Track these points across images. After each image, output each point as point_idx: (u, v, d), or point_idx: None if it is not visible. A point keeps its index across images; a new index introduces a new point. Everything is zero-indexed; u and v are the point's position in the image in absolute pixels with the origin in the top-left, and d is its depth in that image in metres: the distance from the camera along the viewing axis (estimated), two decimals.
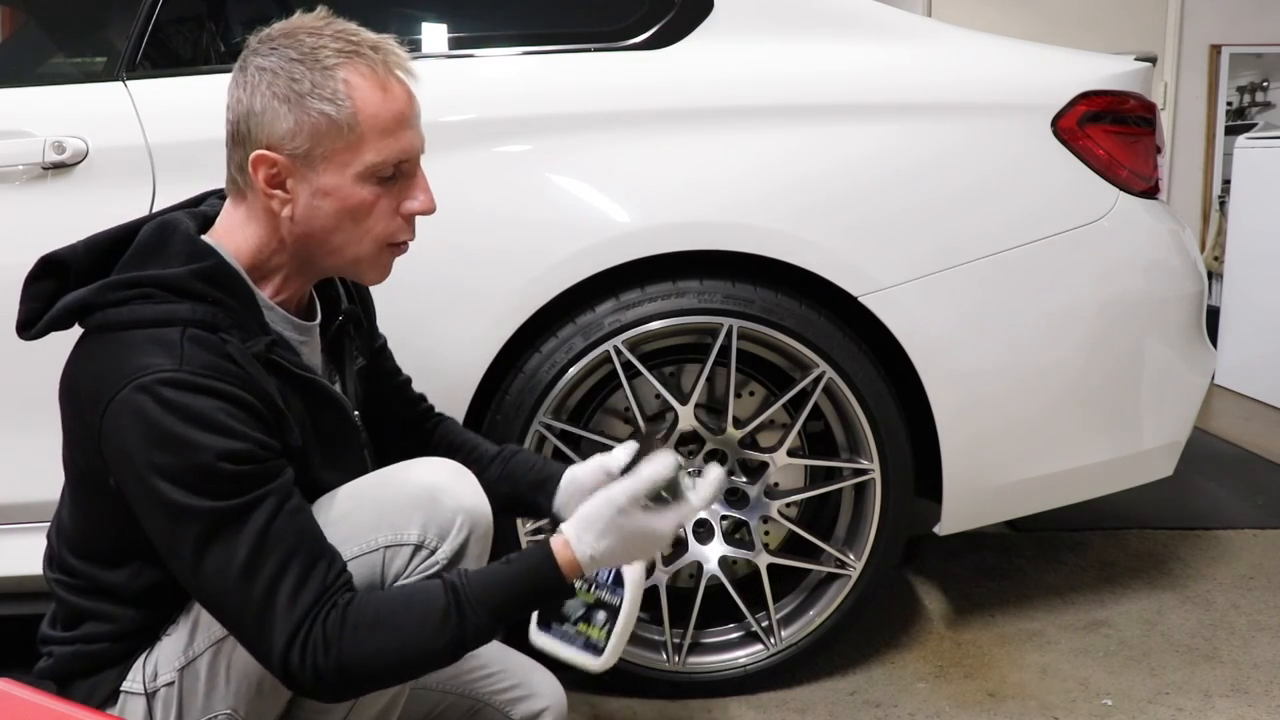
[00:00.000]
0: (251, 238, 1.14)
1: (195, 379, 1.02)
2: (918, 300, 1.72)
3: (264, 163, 1.09)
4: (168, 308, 1.06)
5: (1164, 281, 1.90)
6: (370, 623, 1.03)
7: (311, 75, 1.08)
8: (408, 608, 1.05)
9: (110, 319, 1.06)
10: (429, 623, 1.04)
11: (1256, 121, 5.11)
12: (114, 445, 1.03)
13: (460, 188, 1.67)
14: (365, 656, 1.03)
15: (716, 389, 1.84)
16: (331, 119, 1.08)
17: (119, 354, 1.04)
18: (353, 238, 1.14)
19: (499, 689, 1.41)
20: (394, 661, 1.04)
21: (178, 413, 1.00)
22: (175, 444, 1.00)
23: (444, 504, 1.12)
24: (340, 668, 1.02)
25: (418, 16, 1.92)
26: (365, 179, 1.11)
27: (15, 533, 1.67)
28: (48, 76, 2.01)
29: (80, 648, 1.15)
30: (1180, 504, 2.78)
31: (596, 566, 1.12)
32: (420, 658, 1.05)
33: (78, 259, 1.11)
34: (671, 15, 1.78)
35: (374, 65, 1.11)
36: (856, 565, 1.81)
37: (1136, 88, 1.89)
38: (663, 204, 1.70)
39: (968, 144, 1.78)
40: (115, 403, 1.02)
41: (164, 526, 1.03)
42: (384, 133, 1.11)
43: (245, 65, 1.11)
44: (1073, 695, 1.84)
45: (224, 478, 1.01)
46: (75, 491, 1.15)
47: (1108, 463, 1.91)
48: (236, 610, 1.02)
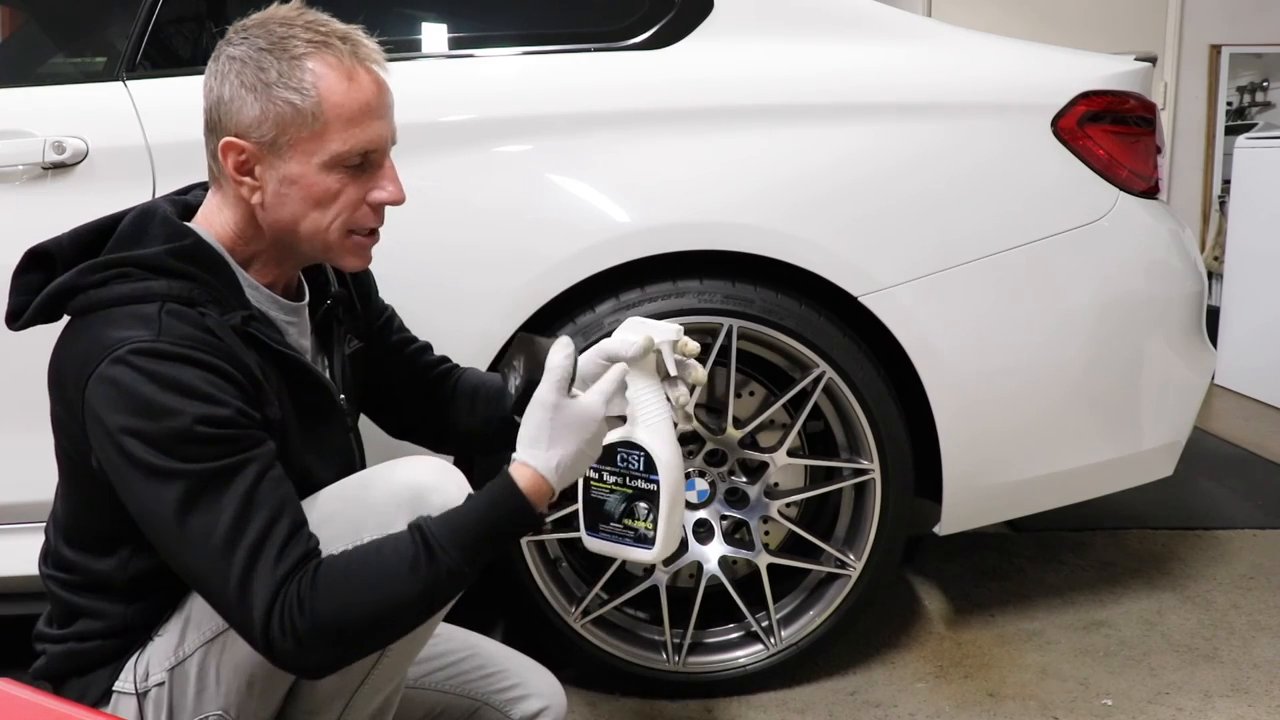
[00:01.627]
0: (229, 223, 1.16)
1: (173, 348, 1.03)
2: (917, 300, 1.72)
3: (232, 150, 1.12)
4: (145, 284, 1.07)
5: (1164, 281, 1.90)
6: (341, 577, 1.02)
7: (279, 64, 1.10)
8: (378, 557, 1.04)
9: (91, 300, 1.08)
10: (400, 569, 1.03)
11: (1256, 121, 5.11)
12: (94, 419, 1.03)
13: (460, 187, 1.67)
14: (339, 610, 1.00)
15: (716, 389, 1.84)
16: (296, 108, 1.10)
17: (98, 331, 1.05)
18: (320, 225, 1.15)
19: (498, 689, 1.41)
20: (370, 613, 1.02)
21: (156, 380, 1.01)
22: (153, 410, 1.00)
23: (430, 501, 1.11)
24: (317, 627, 0.99)
25: (418, 16, 1.92)
26: (330, 168, 1.13)
27: (15, 533, 1.67)
28: (48, 76, 2.01)
29: (73, 645, 1.15)
30: (1180, 504, 2.78)
31: (566, 476, 1.10)
32: (396, 607, 1.03)
33: (62, 250, 1.12)
34: (671, 15, 1.78)
35: (341, 55, 1.12)
36: (856, 565, 1.81)
37: (1136, 88, 1.89)
38: (663, 204, 1.70)
39: (968, 144, 1.78)
40: (94, 377, 1.03)
41: (144, 495, 1.02)
42: (349, 122, 1.12)
43: (218, 54, 1.13)
44: (1073, 695, 1.84)
45: (203, 441, 1.01)
46: (65, 480, 1.16)
47: (1108, 463, 1.91)
48: (220, 578, 1.00)
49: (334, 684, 1.15)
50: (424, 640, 1.21)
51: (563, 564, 1.85)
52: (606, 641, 1.81)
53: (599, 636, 1.80)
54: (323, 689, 1.15)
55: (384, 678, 1.17)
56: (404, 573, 1.03)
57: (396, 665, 1.18)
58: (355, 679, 1.16)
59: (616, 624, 1.86)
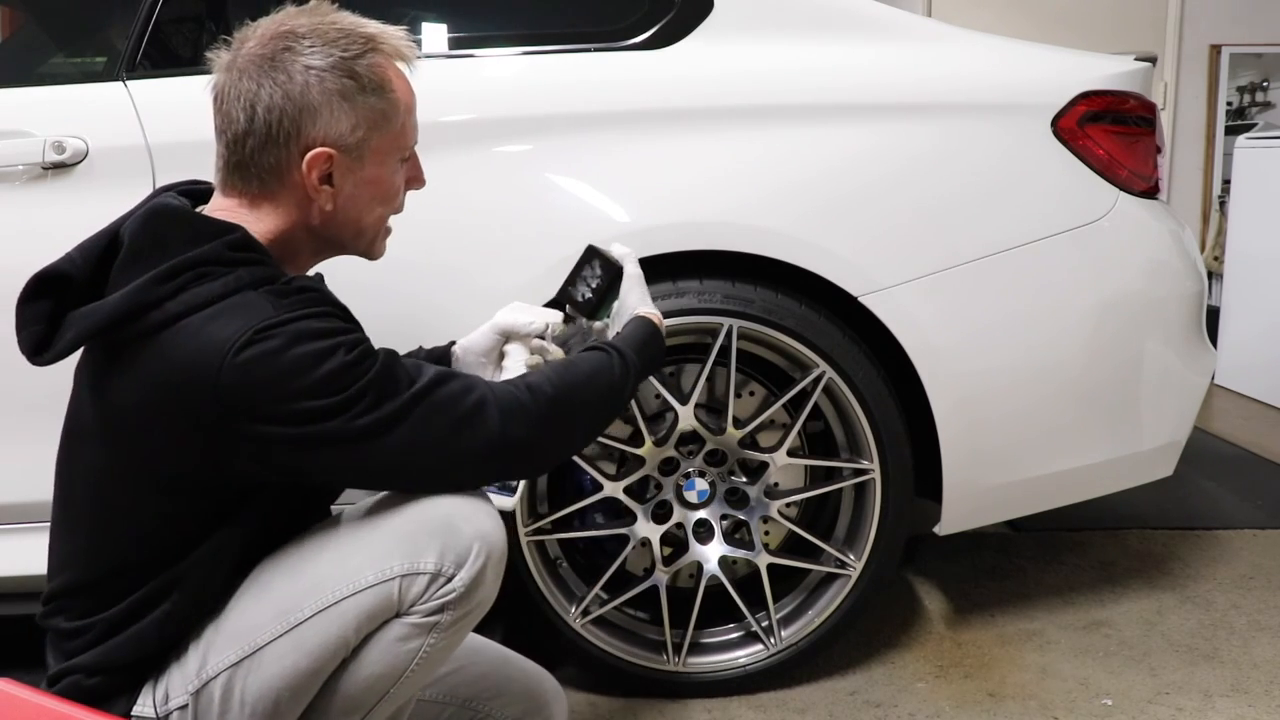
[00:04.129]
0: (274, 228, 1.15)
1: (292, 313, 1.04)
2: (917, 300, 1.72)
3: (321, 160, 1.12)
4: (231, 277, 1.05)
5: (1164, 281, 1.89)
6: (560, 370, 1.21)
7: (359, 70, 1.12)
8: (581, 360, 1.25)
9: (169, 313, 1.03)
10: (602, 361, 1.25)
11: (1256, 121, 5.11)
12: (241, 417, 1.01)
13: (460, 188, 1.67)
14: (565, 392, 1.17)
15: (716, 389, 1.84)
16: (383, 112, 1.15)
17: (199, 336, 1.02)
18: (379, 218, 1.22)
19: (499, 697, 1.41)
20: (588, 394, 1.21)
21: (297, 341, 1.02)
22: (306, 364, 1.02)
23: (462, 530, 1.11)
24: (554, 400, 1.16)
25: (418, 16, 1.92)
26: (399, 164, 1.20)
27: (15, 533, 1.67)
28: (48, 76, 2.01)
29: (80, 679, 1.11)
30: (1180, 504, 2.78)
31: None
32: (608, 388, 1.23)
33: (78, 270, 1.07)
34: (671, 15, 1.78)
35: (397, 56, 1.17)
36: (856, 565, 1.82)
37: (1136, 88, 1.89)
38: (663, 204, 1.70)
39: (968, 144, 1.78)
40: (224, 374, 1.00)
41: (349, 437, 1.04)
42: (411, 117, 1.20)
43: (280, 63, 1.10)
44: (1073, 695, 1.84)
45: (361, 360, 1.05)
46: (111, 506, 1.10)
47: (1108, 463, 1.91)
48: (453, 422, 1.09)
49: (352, 698, 1.13)
50: (445, 659, 1.18)
51: (562, 564, 1.85)
52: (606, 641, 1.81)
53: (599, 636, 1.80)
54: (339, 704, 1.13)
55: (401, 694, 1.15)
56: (605, 363, 1.24)
57: (416, 680, 1.15)
58: (375, 694, 1.14)
59: (616, 624, 1.86)
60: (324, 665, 1.10)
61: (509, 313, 1.43)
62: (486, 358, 1.43)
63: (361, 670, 1.11)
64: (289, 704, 1.10)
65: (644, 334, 1.34)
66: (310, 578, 1.10)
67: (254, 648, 1.09)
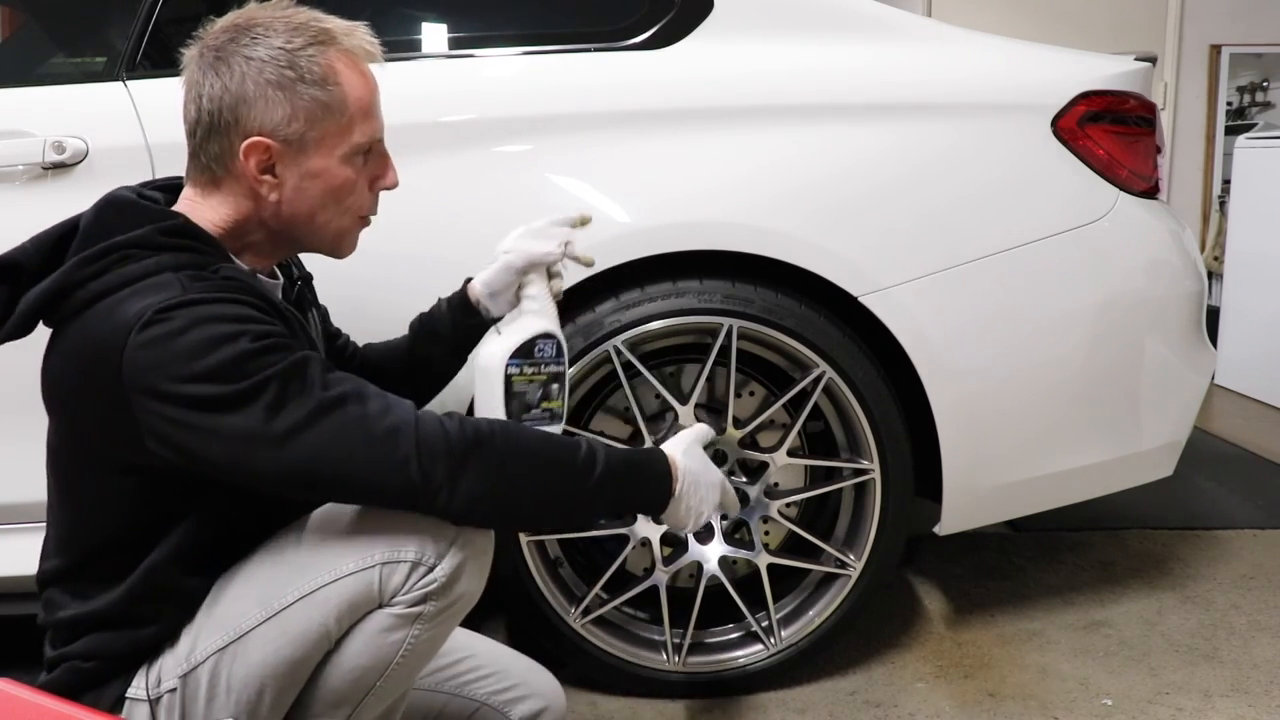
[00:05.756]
0: (225, 218, 1.16)
1: (202, 295, 1.03)
2: (918, 300, 1.72)
3: (257, 150, 1.12)
4: (150, 261, 1.06)
5: (1164, 281, 1.89)
6: (508, 423, 1.12)
7: (302, 61, 1.12)
8: (540, 431, 1.16)
9: (92, 292, 1.05)
10: (561, 442, 1.13)
11: (1256, 121, 5.11)
12: (143, 392, 1.01)
13: (461, 188, 1.67)
14: (509, 440, 1.09)
15: (716, 389, 1.84)
16: (324, 103, 1.13)
17: (113, 314, 1.03)
18: (335, 215, 1.19)
19: (497, 689, 1.41)
20: (536, 456, 1.10)
21: (197, 323, 1.01)
22: (204, 348, 1.00)
23: (445, 522, 1.11)
24: (478, 443, 1.06)
25: (418, 16, 1.92)
26: (349, 159, 1.17)
27: (16, 533, 1.67)
28: (48, 76, 2.01)
29: (78, 664, 1.14)
30: (1180, 504, 2.78)
31: (688, 490, 1.21)
32: (559, 461, 1.11)
33: (29, 257, 1.11)
34: (671, 15, 1.78)
35: (351, 51, 1.16)
36: (856, 565, 1.82)
37: (1136, 88, 1.89)
38: (663, 204, 1.70)
39: (967, 144, 1.78)
40: (128, 350, 1.01)
41: (233, 428, 1.01)
42: (364, 114, 1.17)
43: (223, 55, 1.12)
44: (1073, 695, 1.84)
45: (264, 352, 1.02)
46: (79, 491, 1.13)
47: (1108, 463, 1.91)
48: (361, 443, 1.03)
49: (339, 691, 1.14)
50: (432, 653, 1.19)
51: (563, 564, 1.85)
52: (607, 641, 1.81)
53: (599, 636, 1.80)
54: (327, 697, 1.14)
55: (390, 688, 1.16)
56: (569, 442, 1.13)
57: (404, 674, 1.16)
58: (362, 687, 1.14)
59: (617, 624, 1.86)
60: (307, 654, 1.10)
61: (518, 240, 1.37)
62: (504, 296, 1.39)
63: (346, 662, 1.12)
64: (274, 693, 1.11)
65: (640, 458, 1.19)
66: (293, 565, 1.12)
67: (238, 633, 1.11)
